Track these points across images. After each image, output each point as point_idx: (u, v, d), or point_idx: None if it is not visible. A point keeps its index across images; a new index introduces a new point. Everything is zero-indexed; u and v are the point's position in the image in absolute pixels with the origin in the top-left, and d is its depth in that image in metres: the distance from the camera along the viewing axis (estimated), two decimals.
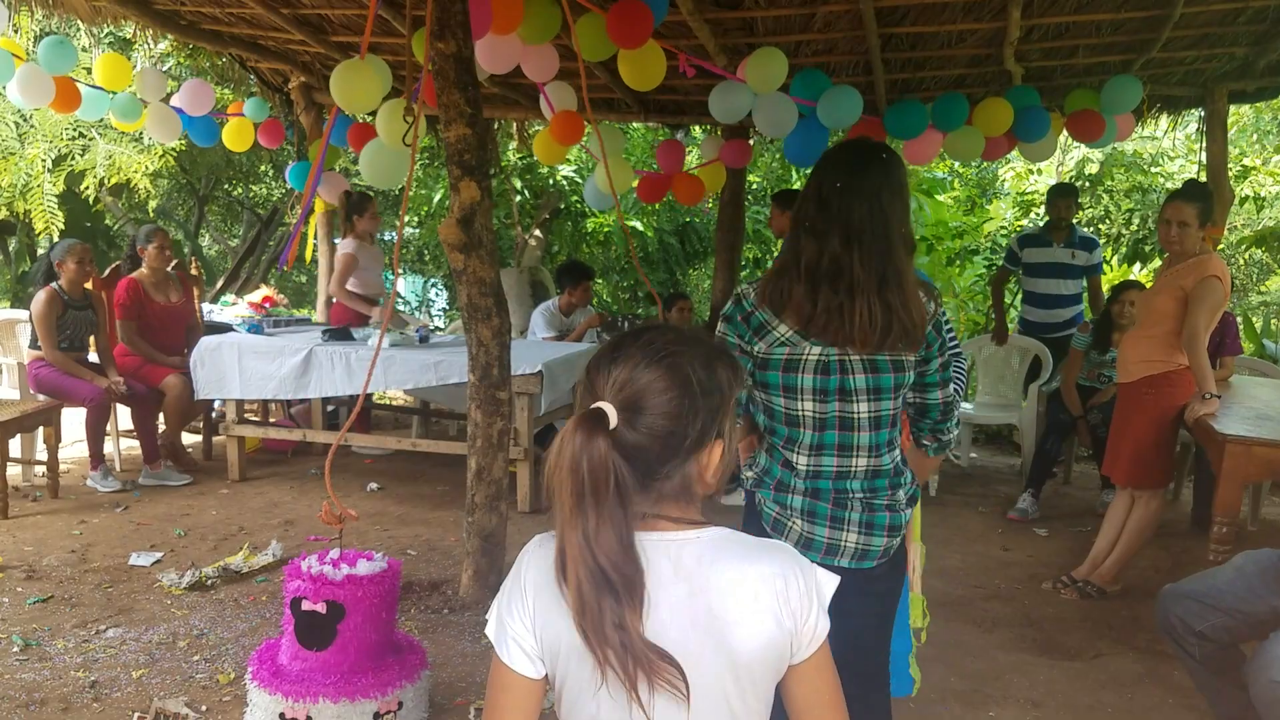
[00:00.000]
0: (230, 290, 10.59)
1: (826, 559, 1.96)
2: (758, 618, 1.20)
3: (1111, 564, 4.21)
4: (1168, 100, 6.10)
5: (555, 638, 1.22)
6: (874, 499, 1.97)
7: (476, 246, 3.56)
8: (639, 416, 1.17)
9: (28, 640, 3.41)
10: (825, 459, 1.96)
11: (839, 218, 1.88)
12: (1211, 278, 3.84)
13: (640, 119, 6.87)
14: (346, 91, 3.64)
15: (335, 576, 2.78)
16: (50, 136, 7.26)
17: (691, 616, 1.20)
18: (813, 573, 1.26)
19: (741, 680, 1.21)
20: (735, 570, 1.21)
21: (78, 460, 5.85)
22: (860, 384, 1.92)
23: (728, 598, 1.20)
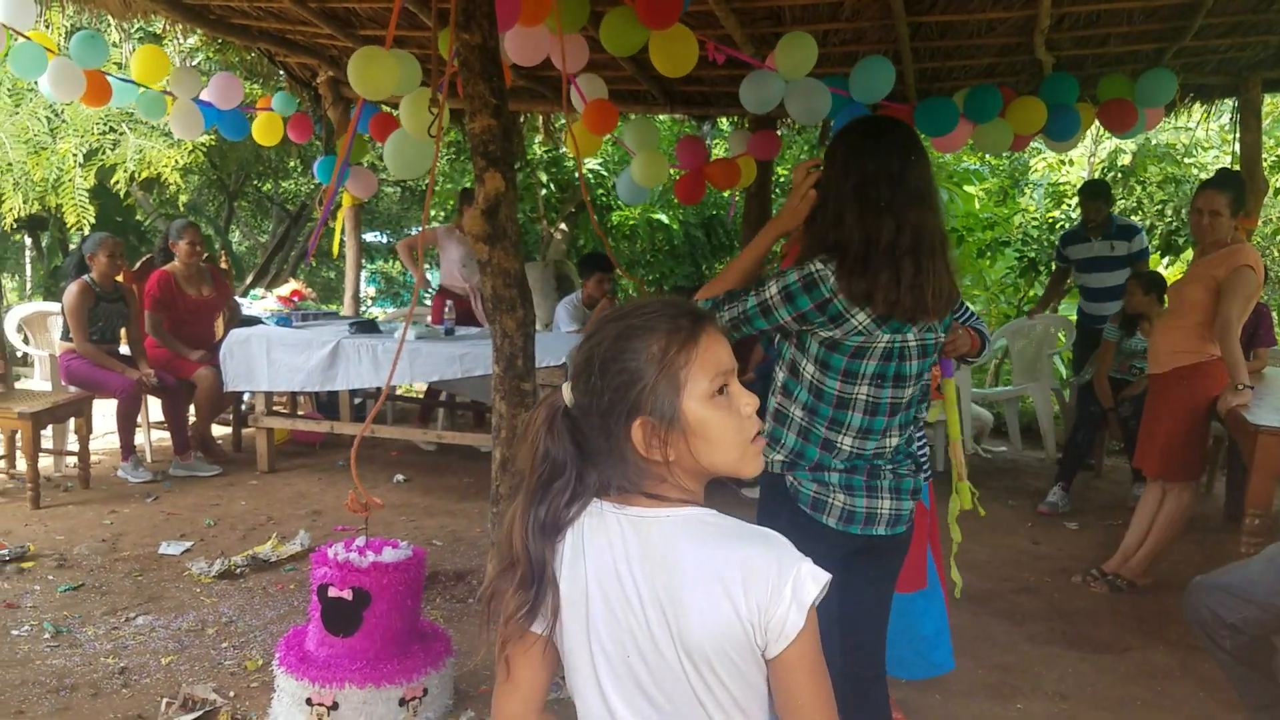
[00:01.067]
0: (259, 284, 10.69)
1: (866, 529, 2.00)
2: (713, 602, 1.15)
3: (1142, 557, 4.16)
4: (1201, 89, 6.01)
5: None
6: (899, 468, 2.06)
7: (501, 237, 3.55)
8: (574, 395, 1.23)
9: (59, 627, 3.45)
10: (870, 442, 2.01)
11: (914, 190, 1.92)
12: (1244, 267, 3.78)
13: (667, 111, 6.85)
14: (365, 77, 3.65)
15: (361, 564, 2.80)
16: (81, 131, 7.33)
17: (652, 596, 1.18)
18: (794, 567, 1.16)
19: (700, 668, 1.18)
20: (699, 552, 1.18)
21: (109, 451, 5.91)
22: (913, 369, 1.99)
23: (685, 579, 1.17)
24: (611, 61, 5.11)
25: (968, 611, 3.88)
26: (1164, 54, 5.29)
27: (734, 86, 4.93)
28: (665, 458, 1.20)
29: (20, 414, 4.80)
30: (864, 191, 1.92)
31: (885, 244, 1.88)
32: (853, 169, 1.94)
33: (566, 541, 1.24)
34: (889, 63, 4.66)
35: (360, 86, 3.66)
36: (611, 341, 1.20)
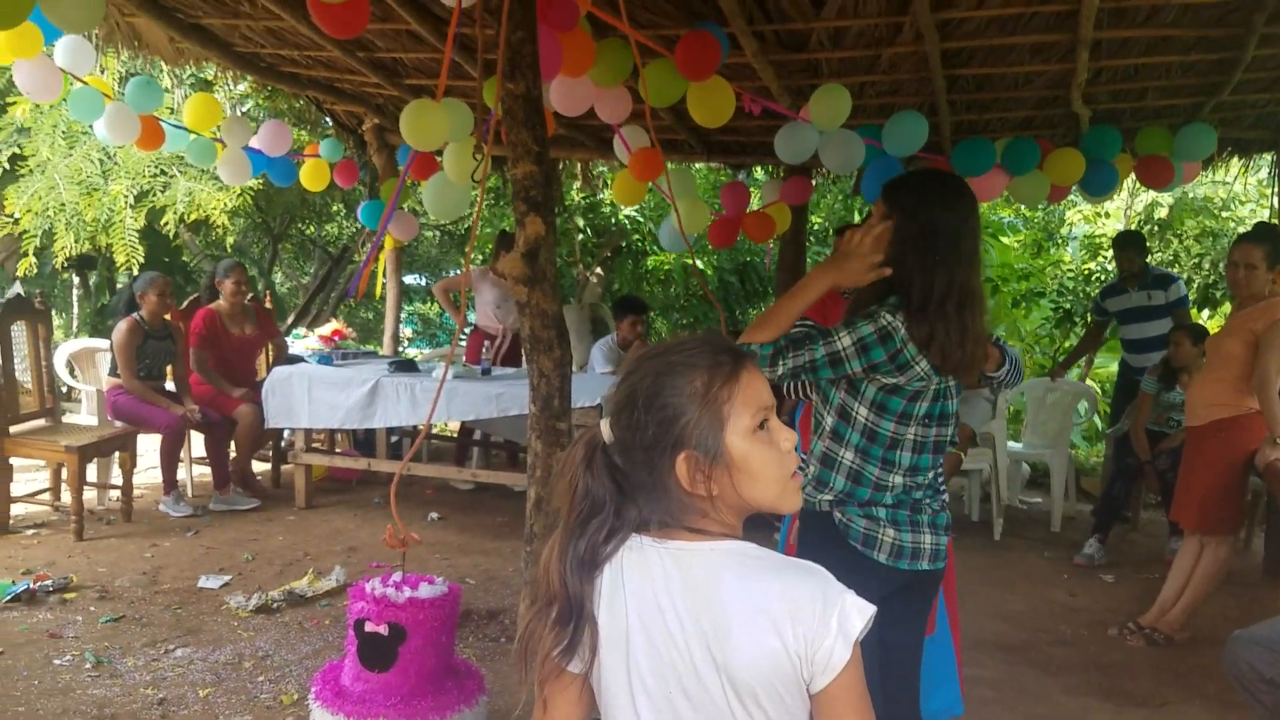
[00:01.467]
0: (301, 324, 10.86)
1: (913, 564, 2.06)
2: (760, 635, 1.16)
3: (1179, 611, 4.10)
4: (1239, 143, 6.00)
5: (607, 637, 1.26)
6: (934, 502, 2.13)
7: (540, 280, 3.62)
8: (614, 431, 1.25)
9: (99, 658, 3.51)
10: (918, 477, 2.09)
11: (967, 251, 2.01)
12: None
13: (704, 160, 6.94)
14: (417, 130, 3.75)
15: (398, 599, 2.84)
16: (133, 174, 7.53)
17: (697, 627, 1.19)
18: (840, 600, 1.18)
19: (745, 700, 1.18)
20: (744, 585, 1.19)
21: (151, 485, 6.01)
22: (953, 407, 2.10)
23: (730, 612, 1.18)
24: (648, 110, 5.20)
25: (1003, 662, 3.85)
26: (1202, 108, 5.30)
27: (769, 136, 5.00)
28: (709, 492, 1.22)
29: (67, 447, 4.91)
30: (926, 242, 1.99)
31: (938, 297, 1.97)
32: (921, 218, 2.02)
33: (604, 577, 1.25)
34: (922, 117, 4.71)
35: (412, 139, 3.76)
36: (654, 377, 1.23)
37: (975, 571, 4.96)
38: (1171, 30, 4.36)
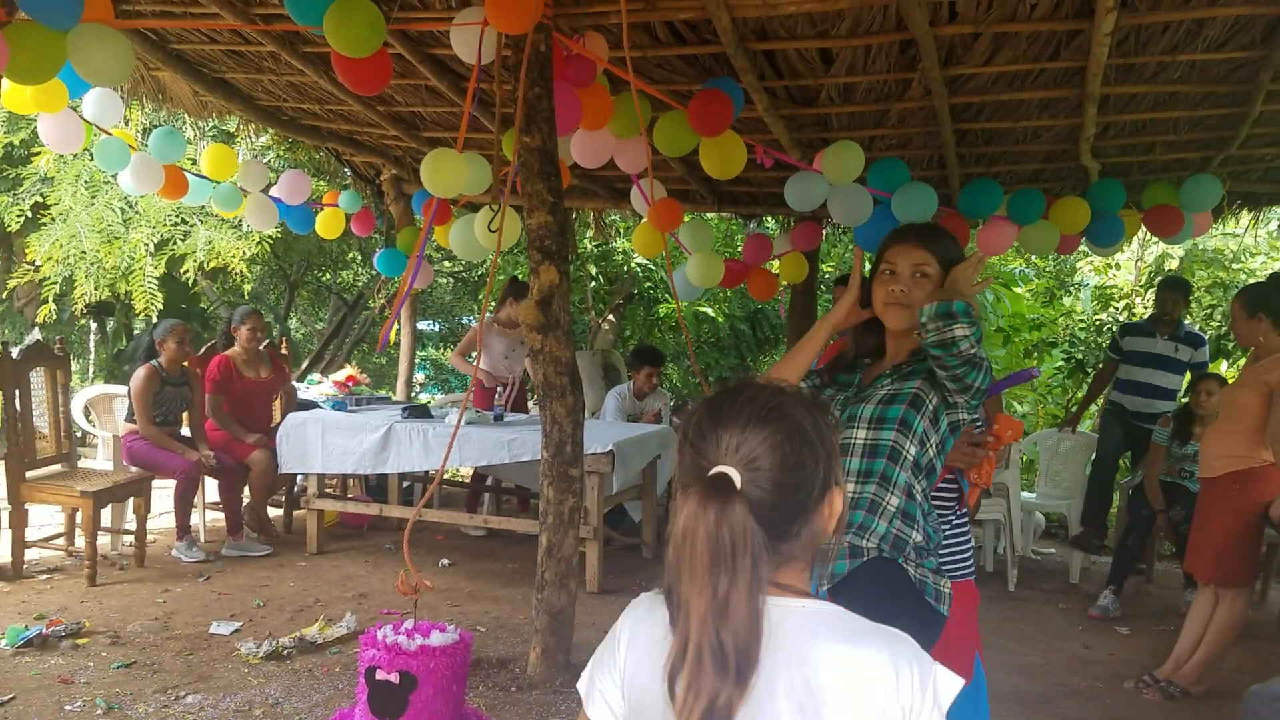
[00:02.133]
0: (316, 370, 10.93)
1: (947, 610, 2.09)
2: (860, 702, 1.12)
3: (1195, 664, 4.07)
4: (1248, 197, 6.04)
5: (640, 700, 1.20)
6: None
7: (554, 327, 3.68)
8: (762, 474, 1.13)
9: (111, 704, 3.51)
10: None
11: None
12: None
13: (715, 209, 7.02)
14: (437, 178, 3.82)
15: (409, 646, 2.85)
16: (154, 223, 7.65)
17: (788, 689, 1.12)
18: (933, 670, 1.16)
19: None
20: (843, 649, 1.14)
21: (164, 531, 6.04)
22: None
23: (829, 675, 1.12)
24: (662, 162, 5.29)
25: (1020, 716, 3.82)
26: (1210, 162, 5.34)
27: (779, 187, 5.07)
28: (838, 528, 1.22)
29: (83, 493, 4.95)
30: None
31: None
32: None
33: None
34: (932, 191, 4.77)
35: (432, 185, 3.84)
36: (809, 412, 1.19)
37: (990, 623, 4.92)
38: (1179, 86, 4.42)
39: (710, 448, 1.15)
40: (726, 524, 1.07)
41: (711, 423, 1.17)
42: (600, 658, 1.29)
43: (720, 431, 1.15)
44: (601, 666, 1.27)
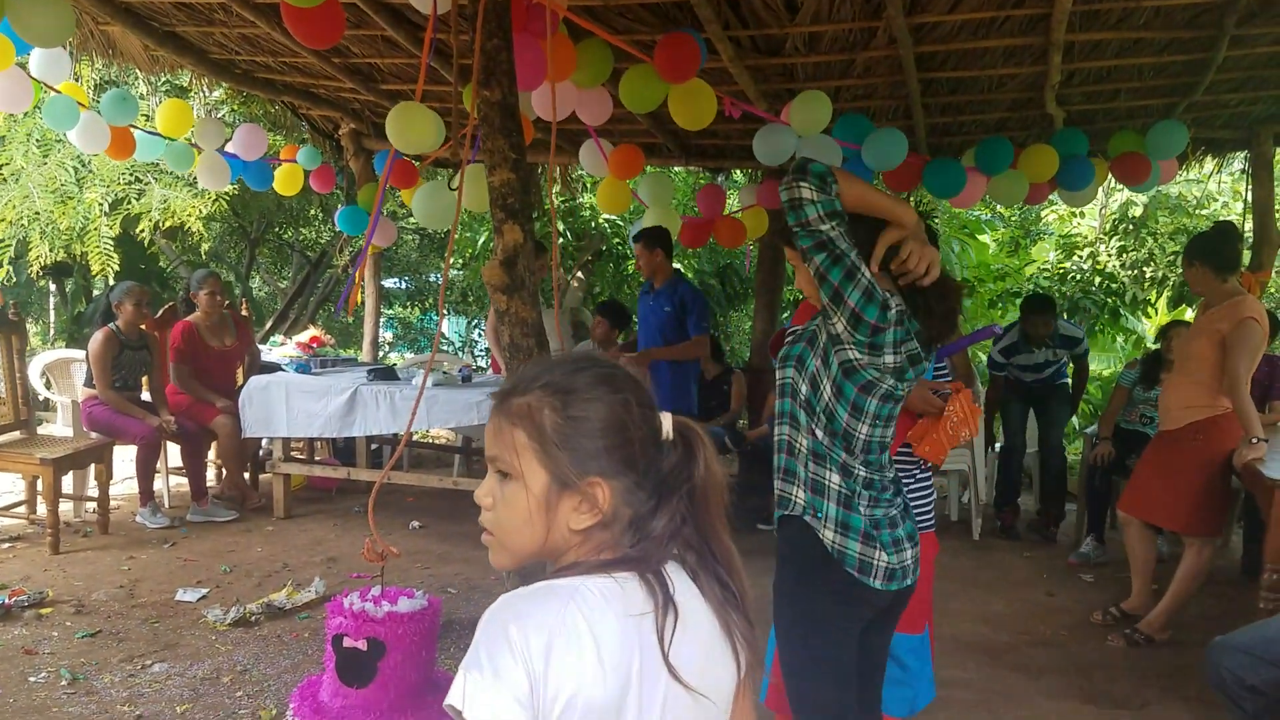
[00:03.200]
0: (279, 331, 10.79)
1: (902, 583, 2.07)
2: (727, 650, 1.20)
3: (1161, 612, 4.13)
4: (1212, 143, 6.05)
5: (568, 705, 1.03)
6: (905, 512, 2.18)
7: (519, 288, 3.61)
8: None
9: (75, 674, 3.47)
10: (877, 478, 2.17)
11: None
12: (1248, 320, 3.83)
13: (682, 163, 6.94)
14: (403, 133, 3.73)
15: (376, 614, 2.82)
16: (107, 181, 7.47)
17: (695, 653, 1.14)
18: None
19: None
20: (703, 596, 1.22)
21: (127, 497, 5.96)
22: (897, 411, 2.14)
23: (708, 630, 1.18)
24: (628, 115, 5.21)
25: (985, 665, 3.86)
26: (1175, 109, 5.35)
27: (747, 140, 5.01)
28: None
29: (42, 460, 4.85)
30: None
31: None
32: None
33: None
34: (902, 135, 4.73)
35: (400, 142, 3.74)
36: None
37: (955, 573, 4.97)
38: (1144, 33, 4.40)
39: (655, 415, 1.17)
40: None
41: (642, 394, 1.17)
42: (494, 673, 1.02)
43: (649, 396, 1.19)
44: (501, 681, 1.02)
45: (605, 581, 1.09)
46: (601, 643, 1.05)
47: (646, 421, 1.15)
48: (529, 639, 1.03)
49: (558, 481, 1.12)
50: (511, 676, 1.02)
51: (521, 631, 1.03)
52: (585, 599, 1.07)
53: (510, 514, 1.15)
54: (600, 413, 1.12)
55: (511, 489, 1.14)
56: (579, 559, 1.14)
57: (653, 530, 1.13)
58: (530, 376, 1.17)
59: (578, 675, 1.03)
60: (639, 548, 1.13)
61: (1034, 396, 5.98)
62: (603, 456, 1.12)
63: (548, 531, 1.13)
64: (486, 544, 1.19)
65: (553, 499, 1.12)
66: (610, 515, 1.12)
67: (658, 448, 1.16)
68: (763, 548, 1.90)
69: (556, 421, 1.12)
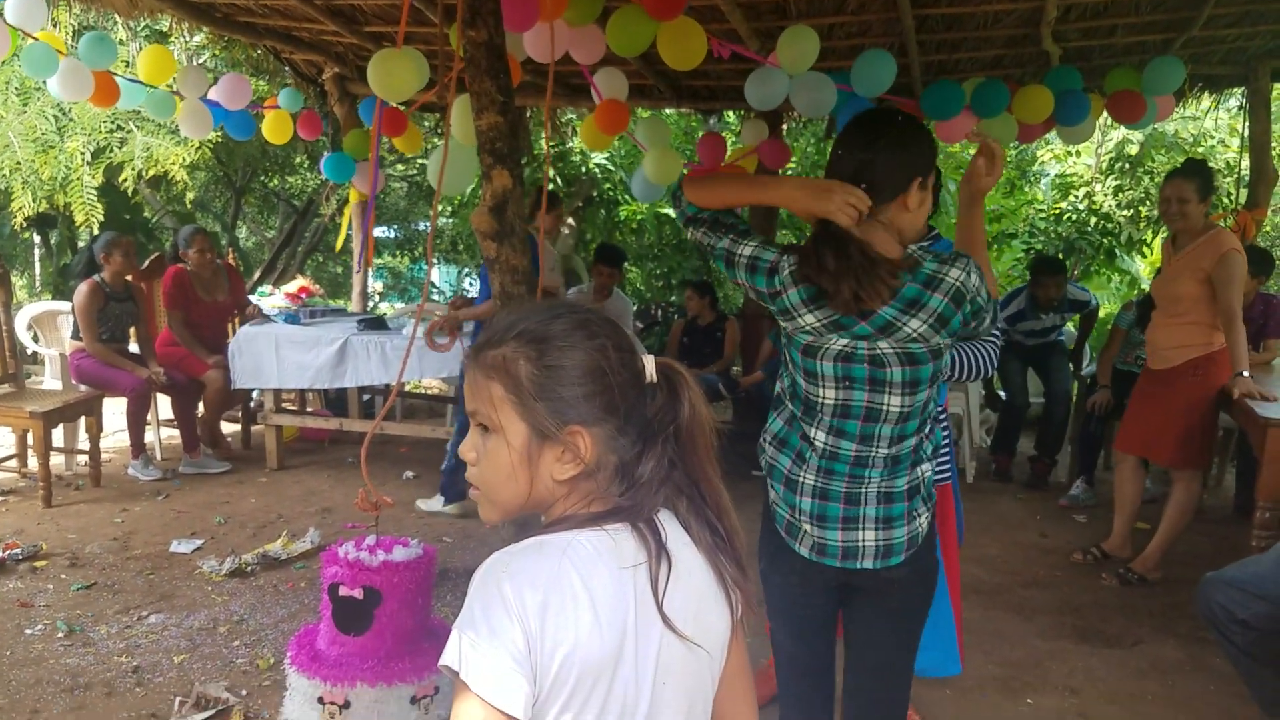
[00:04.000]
0: (267, 281, 10.70)
1: (846, 562, 1.86)
2: (720, 597, 1.20)
3: (1153, 550, 4.16)
4: (1209, 79, 5.97)
5: (566, 660, 1.02)
6: (871, 485, 1.87)
7: (509, 234, 3.55)
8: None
9: (72, 626, 3.47)
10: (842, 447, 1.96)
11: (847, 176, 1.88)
12: (1230, 251, 3.83)
13: (674, 105, 6.83)
14: (386, 80, 3.64)
15: (372, 563, 2.80)
16: (89, 130, 7.34)
17: (685, 604, 1.13)
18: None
19: (715, 668, 1.22)
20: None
21: (119, 449, 5.94)
22: (887, 375, 1.90)
23: (700, 578, 1.18)
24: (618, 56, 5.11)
25: (978, 607, 3.89)
26: (1172, 44, 5.25)
27: (740, 80, 4.91)
28: None
29: (32, 413, 4.82)
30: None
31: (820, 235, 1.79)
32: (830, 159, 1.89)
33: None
34: (890, 56, 4.64)
35: (382, 89, 3.65)
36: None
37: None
38: None
39: (637, 358, 1.15)
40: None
41: (621, 337, 1.15)
42: (490, 633, 1.00)
43: (630, 340, 1.16)
44: (498, 640, 1.00)
45: (597, 535, 1.07)
46: (596, 598, 1.04)
47: (626, 366, 1.12)
48: (524, 597, 1.01)
49: (537, 433, 1.09)
50: (508, 635, 1.00)
51: (516, 589, 1.01)
52: (578, 554, 1.05)
53: (493, 468, 1.12)
54: (577, 360, 1.09)
55: (493, 443, 1.12)
56: (568, 511, 1.12)
57: (640, 476, 1.11)
58: (504, 327, 1.14)
59: (574, 632, 1.02)
60: (629, 496, 1.11)
61: (1032, 356, 5.97)
62: (582, 404, 1.09)
63: (531, 484, 1.11)
64: (474, 499, 1.17)
65: (534, 451, 1.10)
66: (594, 464, 1.10)
67: (640, 391, 1.13)
68: (755, 494, 1.88)
69: (532, 372, 1.09)
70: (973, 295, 1.79)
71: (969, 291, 1.78)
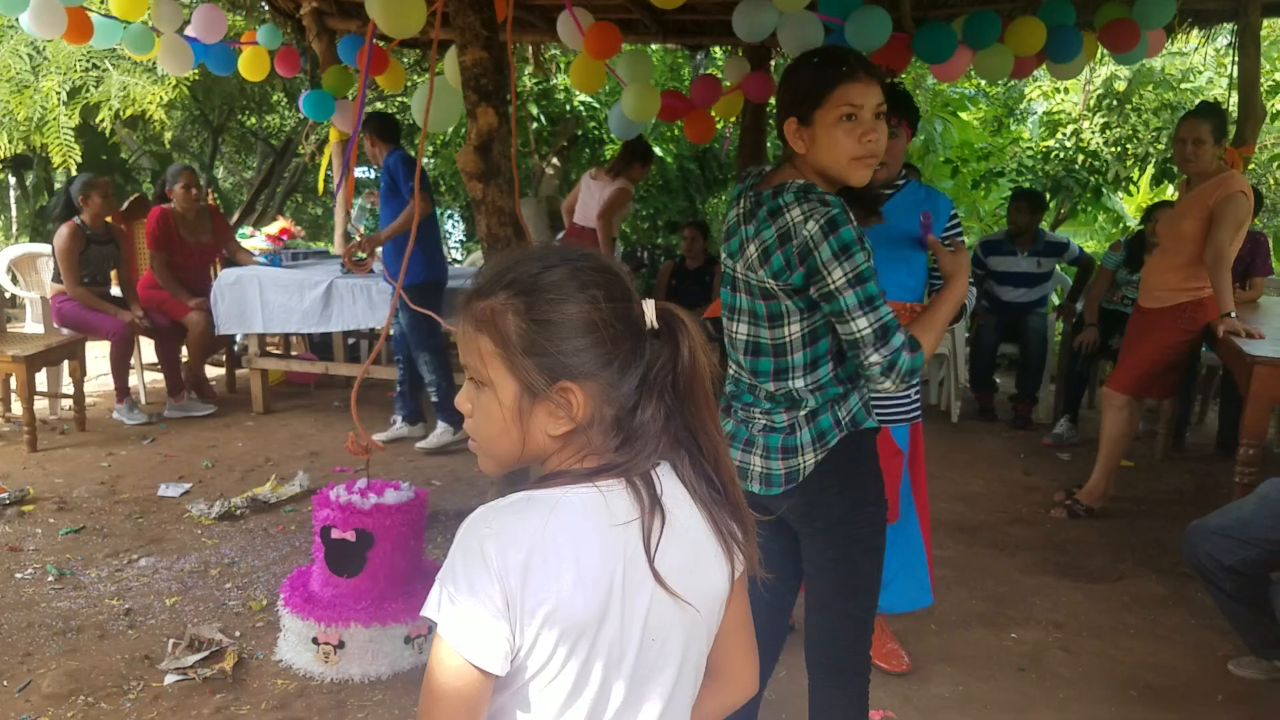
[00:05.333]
0: (246, 223, 10.57)
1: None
2: (718, 552, 1.17)
3: (1098, 479, 4.25)
4: (1199, 15, 5.90)
5: (547, 620, 1.01)
6: (773, 420, 1.90)
7: (495, 175, 3.50)
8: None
9: (62, 570, 3.48)
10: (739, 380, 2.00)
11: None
12: (1237, 193, 3.80)
13: (659, 40, 6.72)
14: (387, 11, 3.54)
15: (364, 505, 2.81)
16: (64, 69, 7.18)
17: (682, 560, 1.10)
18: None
19: (712, 621, 1.19)
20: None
21: (103, 394, 5.90)
22: (732, 300, 1.93)
23: (697, 533, 1.15)
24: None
25: (962, 543, 3.94)
26: None
27: (727, 15, 4.82)
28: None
29: (14, 357, 4.77)
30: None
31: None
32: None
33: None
34: (885, 14, 4.56)
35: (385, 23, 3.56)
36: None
37: (934, 455, 4.97)
38: None
39: (634, 306, 1.09)
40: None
41: (617, 283, 1.09)
42: (470, 590, 1.00)
43: (627, 286, 1.10)
44: (478, 599, 0.99)
45: (588, 491, 1.05)
46: (582, 558, 1.02)
47: (621, 316, 1.07)
48: (506, 556, 1.00)
49: (528, 389, 1.06)
50: (486, 593, 0.99)
51: (499, 548, 1.00)
52: (565, 512, 1.03)
53: (487, 423, 1.10)
54: (569, 313, 1.05)
55: (485, 397, 1.09)
56: (563, 465, 1.10)
57: (637, 428, 1.08)
58: (494, 276, 1.09)
59: (556, 592, 1.00)
60: (623, 450, 1.08)
61: (1010, 324, 5.90)
62: (573, 359, 1.05)
63: (524, 439, 1.09)
64: (473, 450, 1.15)
65: (525, 407, 1.07)
66: (588, 418, 1.07)
67: (637, 340, 1.08)
68: None
69: (521, 327, 1.05)
70: (804, 244, 1.72)
71: (797, 237, 1.73)
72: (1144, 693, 2.85)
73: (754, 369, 1.90)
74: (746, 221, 1.84)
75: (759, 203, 1.82)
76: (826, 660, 1.99)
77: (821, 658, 2.00)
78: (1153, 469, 4.99)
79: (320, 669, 2.80)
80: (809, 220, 1.72)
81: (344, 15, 6.26)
